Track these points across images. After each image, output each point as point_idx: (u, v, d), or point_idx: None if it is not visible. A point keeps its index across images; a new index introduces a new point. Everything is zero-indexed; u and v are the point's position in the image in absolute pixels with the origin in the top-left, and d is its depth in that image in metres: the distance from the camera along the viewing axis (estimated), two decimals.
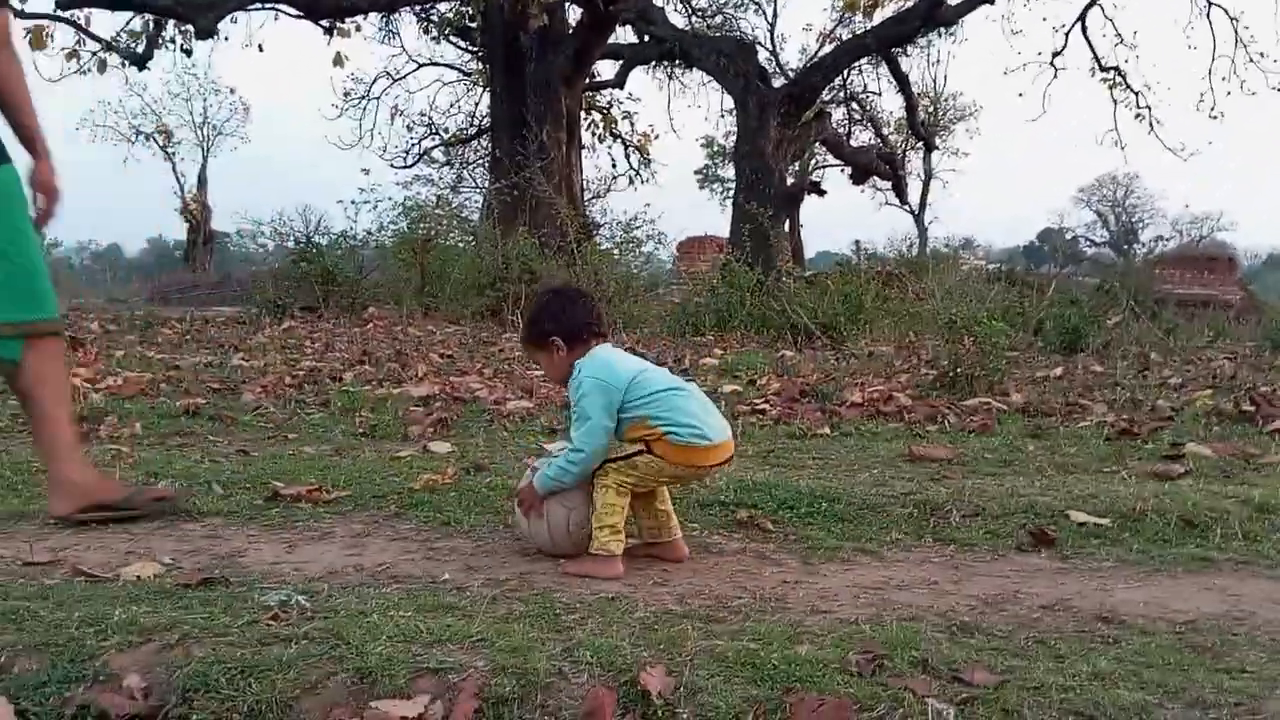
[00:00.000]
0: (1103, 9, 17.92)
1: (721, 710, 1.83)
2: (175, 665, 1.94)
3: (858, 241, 21.99)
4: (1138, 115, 18.74)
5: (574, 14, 16.89)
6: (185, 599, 2.35)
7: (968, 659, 2.05)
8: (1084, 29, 18.26)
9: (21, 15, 14.77)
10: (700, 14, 22.41)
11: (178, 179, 38.94)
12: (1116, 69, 18.64)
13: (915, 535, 3.16)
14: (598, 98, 22.31)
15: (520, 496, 2.89)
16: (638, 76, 21.37)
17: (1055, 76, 19.21)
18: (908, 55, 23.14)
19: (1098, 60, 18.59)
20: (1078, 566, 2.88)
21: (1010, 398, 5.78)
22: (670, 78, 22.88)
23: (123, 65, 16.59)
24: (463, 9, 17.40)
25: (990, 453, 4.37)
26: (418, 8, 18.69)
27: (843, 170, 27.45)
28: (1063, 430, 4.90)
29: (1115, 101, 18.89)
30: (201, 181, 39.27)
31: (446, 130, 24.25)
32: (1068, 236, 53.63)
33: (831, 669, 1.97)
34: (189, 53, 17.04)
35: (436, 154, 24.46)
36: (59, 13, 14.88)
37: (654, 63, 20.76)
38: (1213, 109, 17.77)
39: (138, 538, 3.02)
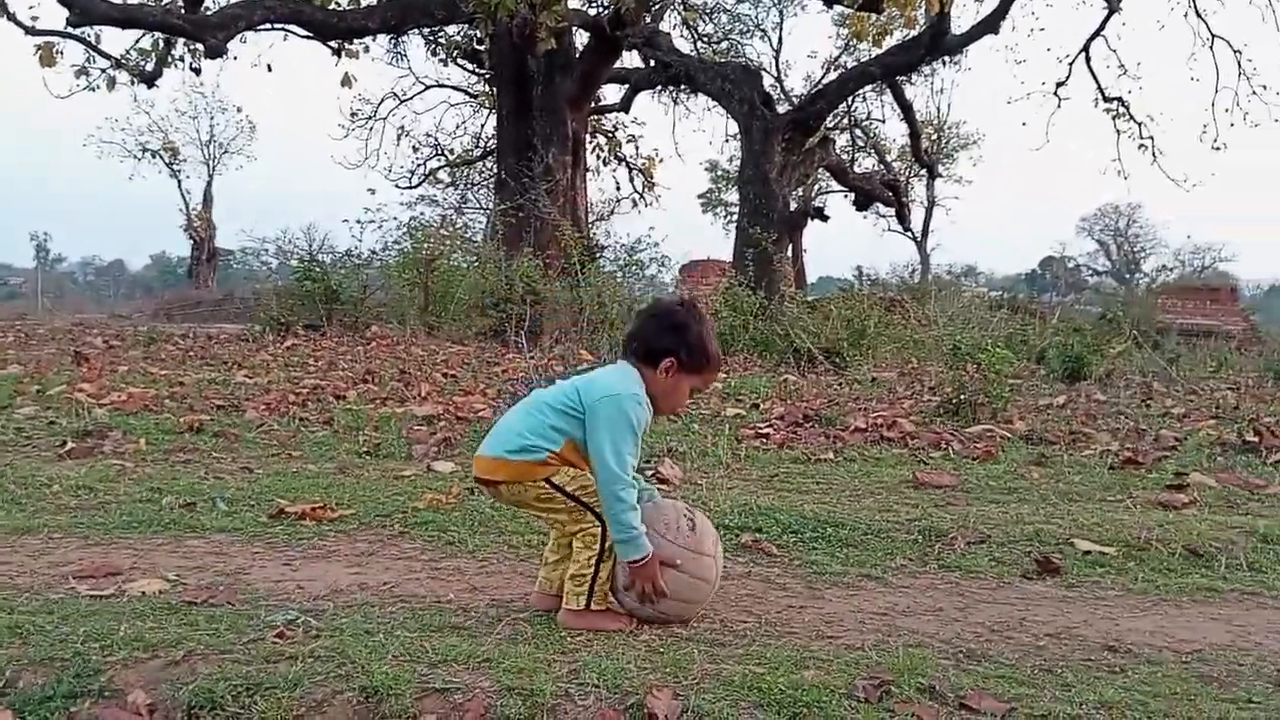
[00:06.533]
0: (1106, 40, 17.97)
1: None
2: (181, 682, 1.94)
3: (860, 267, 22.09)
4: (1141, 145, 18.77)
5: (581, 38, 17.00)
6: (190, 615, 2.35)
7: (975, 686, 2.05)
8: (1088, 59, 18.31)
9: (33, 32, 14.87)
10: (706, 40, 22.54)
11: (183, 196, 39.06)
12: (1120, 99, 18.68)
13: (920, 562, 3.15)
14: (603, 121, 22.40)
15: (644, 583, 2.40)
16: (643, 101, 21.44)
17: (1059, 106, 19.18)
18: (912, 83, 23.28)
19: (1101, 90, 18.64)
20: (1083, 595, 2.87)
21: (1014, 425, 5.77)
22: (675, 102, 22.95)
23: (132, 83, 16.65)
24: (471, 32, 17.51)
25: (994, 480, 4.37)
26: (426, 30, 18.81)
27: (846, 196, 27.53)
28: (1067, 458, 4.89)
29: (1119, 132, 18.94)
30: (206, 199, 39.43)
31: (452, 151, 24.35)
32: (1070, 265, 53.67)
33: (838, 695, 1.96)
34: (198, 71, 17.10)
35: (442, 175, 24.55)
36: (69, 30, 14.97)
37: (660, 87, 20.86)
38: (1215, 140, 17.81)
39: (142, 554, 3.02)
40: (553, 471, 2.44)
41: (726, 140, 31.14)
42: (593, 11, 16.43)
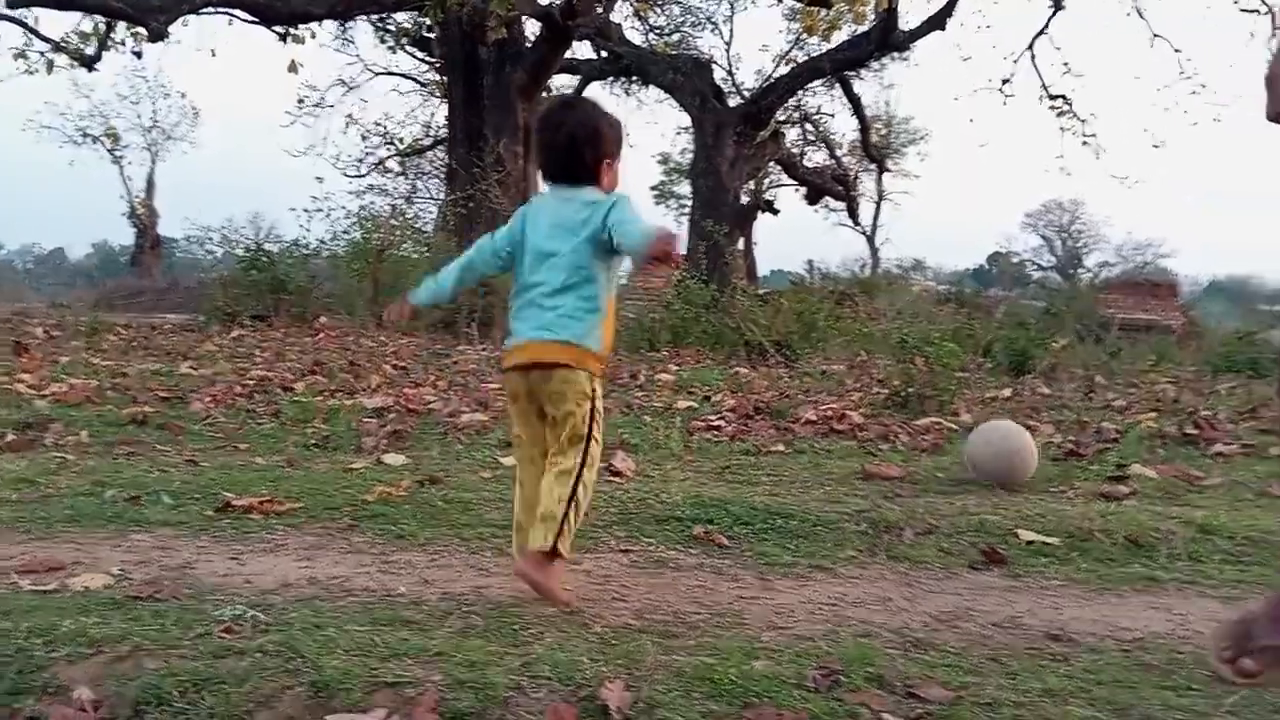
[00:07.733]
0: (1051, 39, 18.28)
1: None
2: (126, 678, 1.90)
3: (811, 261, 22.26)
4: (1084, 143, 19.11)
5: (532, 27, 16.92)
6: (135, 610, 2.31)
7: (922, 675, 2.08)
8: (1033, 57, 18.60)
9: None
10: (658, 32, 22.53)
11: (125, 183, 38.22)
12: (1064, 97, 19.00)
13: (869, 552, 3.19)
14: None
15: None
16: (595, 92, 21.38)
17: (1005, 103, 19.49)
18: (861, 78, 23.45)
19: (1045, 88, 18.95)
20: (1028, 585, 2.92)
21: (960, 418, 5.85)
22: (627, 94, 22.95)
23: (71, 66, 16.29)
24: (420, 19, 17.34)
25: (942, 472, 4.42)
26: (374, 16, 18.62)
27: (796, 189, 27.73)
28: None
29: (1062, 129, 19.25)
30: (149, 186, 38.64)
31: (402, 140, 24.15)
32: (1015, 260, 54.37)
33: (788, 685, 1.98)
34: (139, 55, 16.80)
35: (391, 164, 24.36)
36: (7, 12, 14.60)
37: (611, 79, 20.85)
38: (1155, 138, 18.18)
39: (85, 548, 2.96)
40: (603, 369, 2.56)
41: (678, 133, 31.21)
42: (543, 0, 16.34)
